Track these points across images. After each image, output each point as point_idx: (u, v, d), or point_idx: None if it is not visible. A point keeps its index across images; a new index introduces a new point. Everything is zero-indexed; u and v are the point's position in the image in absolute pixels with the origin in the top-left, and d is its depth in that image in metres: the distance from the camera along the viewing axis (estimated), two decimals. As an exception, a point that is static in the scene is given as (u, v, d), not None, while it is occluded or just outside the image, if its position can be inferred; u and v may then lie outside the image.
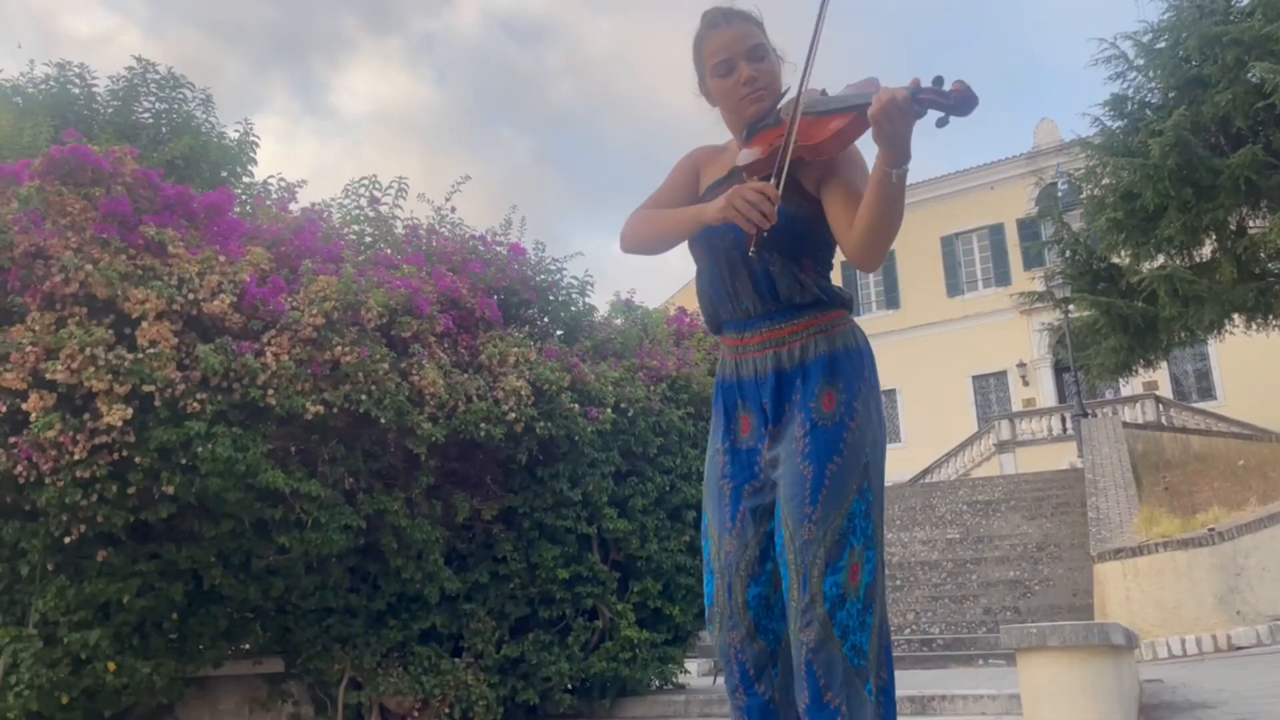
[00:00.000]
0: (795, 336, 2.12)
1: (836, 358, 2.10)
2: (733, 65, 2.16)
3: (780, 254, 2.09)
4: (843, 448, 2.04)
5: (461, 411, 5.41)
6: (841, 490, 2.02)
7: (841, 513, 2.01)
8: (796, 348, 2.12)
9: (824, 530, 1.99)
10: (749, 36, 2.17)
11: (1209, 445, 15.46)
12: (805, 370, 2.10)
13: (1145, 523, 9.40)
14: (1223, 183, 13.42)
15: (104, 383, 4.20)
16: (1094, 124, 16.02)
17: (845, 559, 1.99)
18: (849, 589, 1.98)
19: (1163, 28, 14.91)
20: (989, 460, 23.10)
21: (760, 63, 2.16)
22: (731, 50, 2.16)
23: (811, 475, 2.02)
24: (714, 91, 2.23)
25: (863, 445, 2.07)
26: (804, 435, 2.06)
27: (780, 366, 2.13)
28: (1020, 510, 13.90)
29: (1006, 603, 10.72)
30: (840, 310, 2.17)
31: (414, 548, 5.62)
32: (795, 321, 2.13)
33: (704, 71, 2.23)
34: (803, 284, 2.12)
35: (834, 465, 2.02)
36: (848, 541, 2.00)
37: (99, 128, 6.54)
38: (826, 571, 1.97)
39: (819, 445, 2.04)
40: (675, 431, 6.56)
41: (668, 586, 6.70)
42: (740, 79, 2.15)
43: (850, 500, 2.03)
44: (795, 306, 2.13)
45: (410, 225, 6.46)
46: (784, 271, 2.11)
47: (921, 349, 28.90)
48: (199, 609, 5.47)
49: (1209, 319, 14.73)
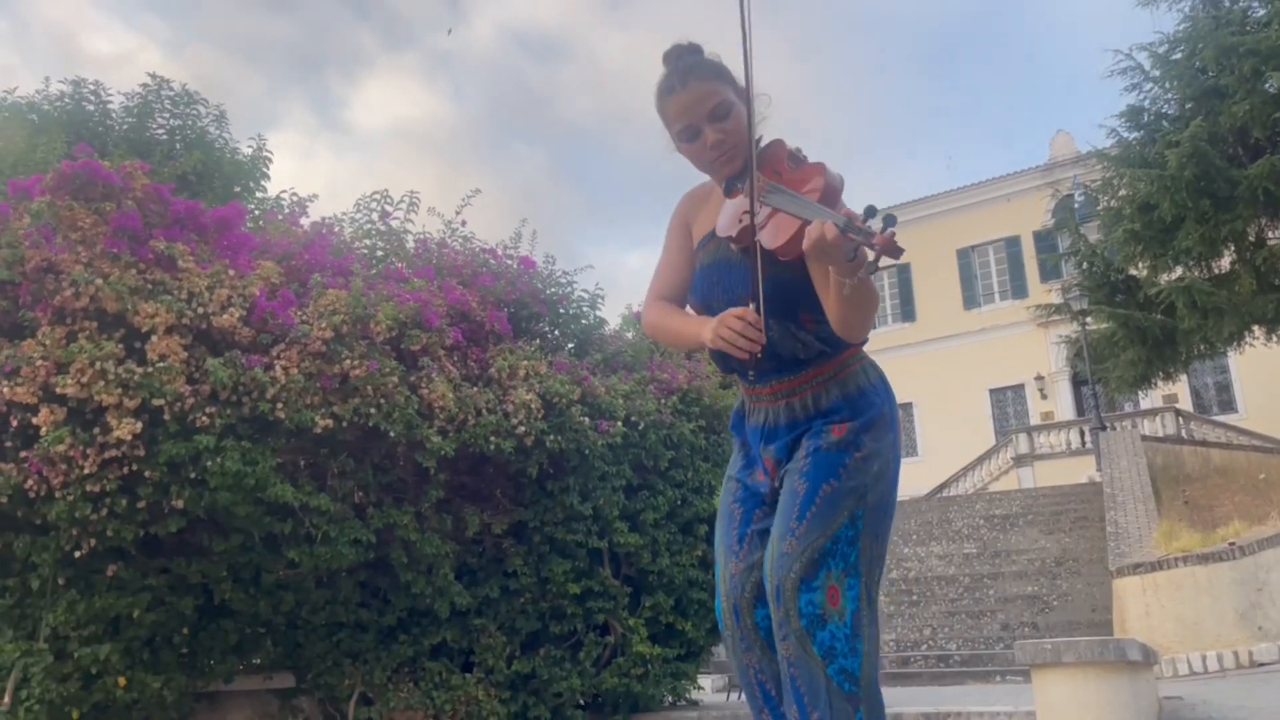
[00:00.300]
0: (806, 386, 2.13)
1: (850, 399, 2.11)
2: (697, 130, 2.12)
3: (776, 318, 2.06)
4: (841, 472, 2.03)
5: (471, 425, 5.40)
6: (831, 511, 2.01)
7: (826, 533, 1.99)
8: (809, 396, 2.12)
9: (804, 546, 1.98)
10: (708, 97, 2.10)
11: (1229, 458, 15.29)
12: (824, 414, 2.11)
13: (1165, 537, 9.29)
14: (1241, 194, 13.31)
15: (114, 397, 4.21)
16: (1110, 135, 15.95)
17: (820, 579, 1.97)
18: (829, 610, 1.96)
19: (1179, 39, 14.84)
20: (1007, 474, 22.92)
21: (724, 122, 2.10)
22: (692, 116, 2.11)
23: (804, 492, 2.02)
24: (684, 154, 2.20)
25: (864, 474, 2.05)
26: (805, 457, 2.07)
27: (794, 416, 2.14)
28: (1038, 525, 13.77)
29: (1024, 618, 10.60)
30: (849, 351, 2.15)
31: (424, 562, 5.60)
32: (804, 373, 2.13)
33: (671, 133, 2.20)
34: (804, 343, 2.10)
35: (828, 487, 2.02)
36: (825, 562, 1.98)
37: (113, 144, 6.59)
38: (801, 588, 1.96)
39: (818, 466, 2.04)
40: (686, 445, 6.53)
41: (680, 601, 6.65)
42: (706, 144, 2.12)
43: (839, 523, 2.01)
44: (800, 362, 2.13)
45: (421, 239, 6.47)
46: (783, 335, 2.09)
47: (938, 362, 28.76)
48: (209, 623, 5.47)
49: (1228, 331, 14.60)
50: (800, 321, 2.09)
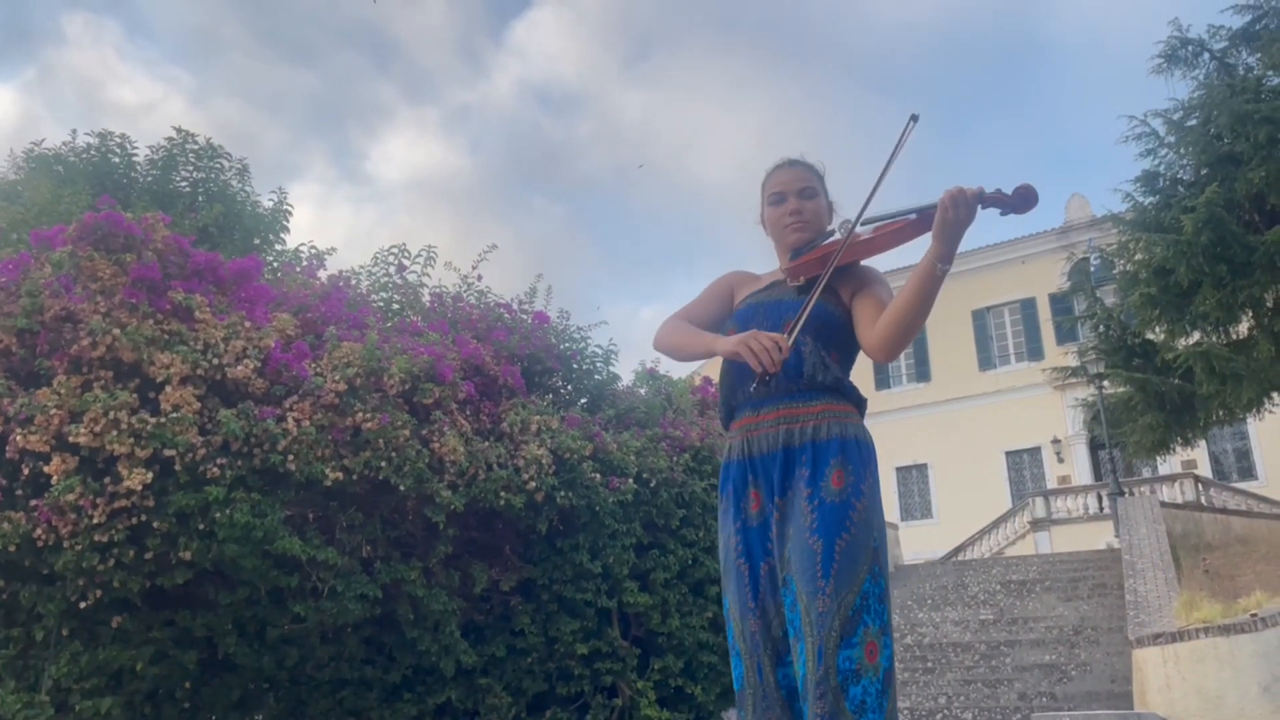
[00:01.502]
0: (810, 417, 2.23)
1: (848, 443, 2.20)
2: (784, 197, 2.47)
3: (814, 338, 2.25)
4: (849, 525, 2.09)
5: (481, 479, 5.37)
6: (853, 566, 2.06)
7: (854, 589, 2.04)
8: (809, 427, 2.21)
9: (837, 603, 2.02)
10: (804, 179, 2.49)
11: (1250, 527, 15.05)
12: (816, 448, 2.18)
13: (1185, 607, 9.10)
14: (1258, 259, 13.26)
15: (126, 446, 4.21)
16: (1125, 200, 15.93)
17: (860, 635, 2.01)
18: (865, 666, 2.00)
19: (1193, 105, 14.91)
20: (1023, 538, 22.60)
21: (808, 200, 2.47)
22: (787, 186, 2.48)
23: (821, 549, 2.06)
24: (766, 218, 2.53)
25: (870, 527, 2.12)
26: (811, 511, 2.11)
27: (790, 443, 2.21)
28: (1056, 591, 13.53)
29: (1042, 688, 10.37)
30: (853, 406, 2.29)
31: (430, 619, 5.53)
32: (812, 404, 2.24)
33: (763, 200, 2.54)
34: (827, 365, 2.25)
35: (842, 541, 2.07)
36: (862, 619, 2.03)
37: (136, 196, 6.69)
38: (841, 645, 2.00)
39: (826, 521, 2.09)
40: (698, 503, 6.47)
41: (689, 664, 6.54)
42: (788, 209, 2.45)
43: (863, 579, 2.06)
44: (816, 387, 2.24)
45: (436, 293, 6.51)
46: (814, 351, 2.25)
47: (953, 423, 28.58)
48: (212, 678, 5.40)
49: (1247, 397, 14.44)
50: (830, 354, 2.28)
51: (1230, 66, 15.40)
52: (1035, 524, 22.69)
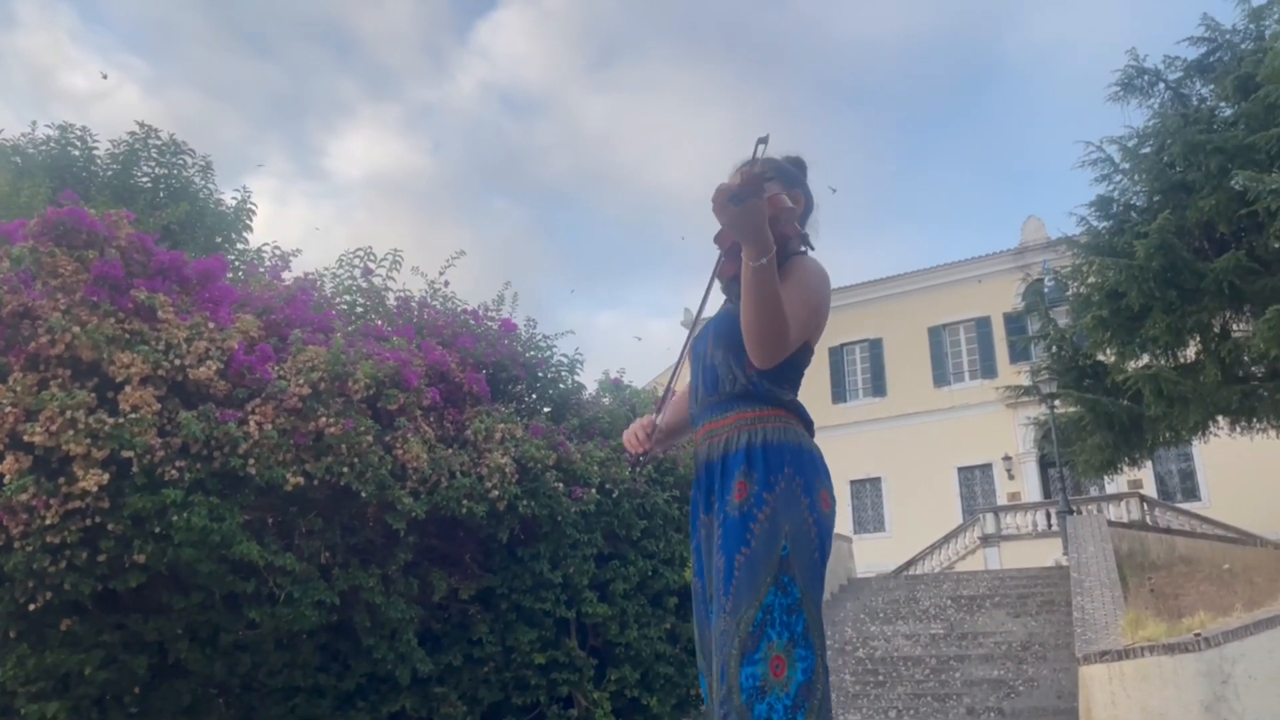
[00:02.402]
0: (725, 429, 2.17)
1: (754, 451, 2.11)
2: None
3: (724, 349, 2.19)
4: (749, 538, 2.03)
5: (444, 487, 5.33)
6: (752, 580, 2.00)
7: (755, 603, 1.98)
8: (723, 440, 2.17)
9: (736, 620, 1.98)
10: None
11: (1194, 547, 15.37)
12: (726, 462, 2.14)
13: (1131, 625, 9.26)
14: (1207, 286, 13.58)
15: (82, 447, 4.12)
16: (1080, 223, 16.24)
17: (763, 650, 1.96)
18: (770, 682, 1.95)
19: (1148, 133, 15.24)
20: (973, 553, 22.88)
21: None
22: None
23: (723, 566, 2.03)
24: None
25: (775, 536, 2.03)
26: (718, 527, 2.09)
27: (711, 458, 2.18)
28: (1005, 607, 13.72)
29: (990, 703, 10.49)
30: (769, 408, 2.17)
31: (388, 626, 5.48)
32: (727, 415, 2.19)
33: None
34: (735, 375, 2.17)
35: (742, 556, 2.02)
36: (765, 634, 1.97)
37: (97, 190, 6.56)
38: (743, 662, 1.96)
39: (727, 536, 2.06)
40: (660, 514, 6.48)
41: (646, 675, 6.54)
42: None
43: (764, 591, 1.99)
44: (730, 398, 2.18)
45: (402, 298, 6.46)
46: (724, 362, 2.20)
47: (907, 438, 28.88)
48: (161, 684, 5.30)
49: (1194, 420, 14.76)
50: (744, 363, 2.16)
51: (1184, 97, 15.77)
52: (985, 539, 22.99)
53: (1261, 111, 13.03)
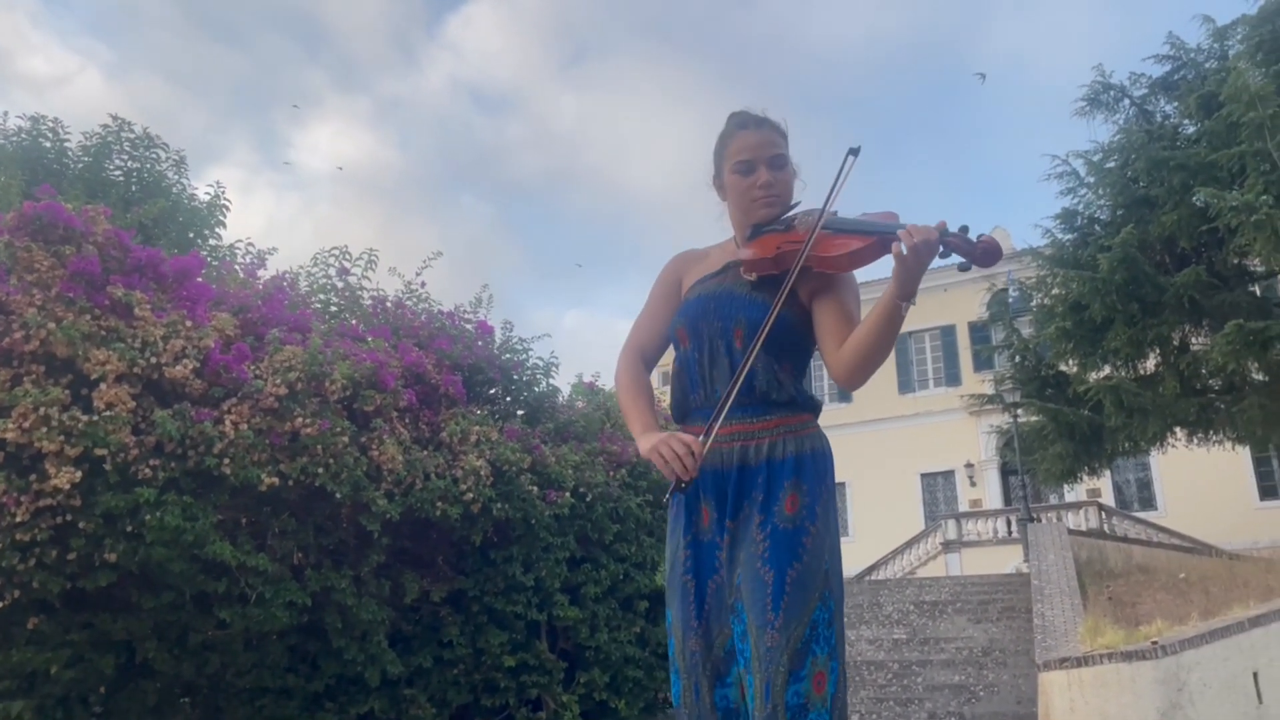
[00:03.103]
0: (765, 433, 2.11)
1: (803, 460, 2.09)
2: (753, 167, 2.21)
3: (765, 351, 2.09)
4: (802, 553, 2.01)
5: (419, 489, 5.33)
6: (803, 597, 1.99)
7: (804, 620, 1.98)
8: (765, 444, 2.10)
9: (786, 638, 1.96)
10: (774, 145, 2.23)
11: (1151, 556, 15.64)
12: (771, 468, 2.08)
13: (1090, 633, 9.41)
14: (1167, 300, 13.84)
15: (55, 444, 4.08)
16: (1045, 235, 16.49)
17: (808, 668, 1.97)
18: (813, 698, 1.96)
19: (1113, 148, 15.50)
20: (935, 559, 23.15)
21: (779, 171, 2.22)
22: (755, 153, 2.21)
23: (773, 581, 1.99)
24: (730, 186, 2.26)
25: (822, 551, 2.04)
26: (764, 538, 2.03)
27: (745, 461, 2.10)
28: (966, 613, 13.89)
29: (952, 708, 10.63)
30: (809, 414, 2.17)
31: (358, 628, 5.46)
32: (766, 419, 2.12)
33: (724, 165, 2.27)
34: (780, 382, 2.13)
35: (794, 571, 2.00)
36: (810, 650, 1.98)
37: (69, 183, 6.46)
38: (789, 680, 1.95)
39: (778, 549, 2.01)
40: (633, 519, 6.51)
41: (615, 678, 6.57)
42: (758, 181, 2.20)
43: (813, 608, 2.00)
44: (769, 403, 2.13)
45: (378, 298, 6.43)
46: (766, 368, 2.11)
47: (872, 444, 29.12)
48: (128, 683, 5.25)
49: (1152, 431, 15.02)
50: (782, 365, 2.13)
51: (1149, 113, 16.07)
52: (947, 545, 23.26)
53: (1223, 130, 13.30)
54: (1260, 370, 14.03)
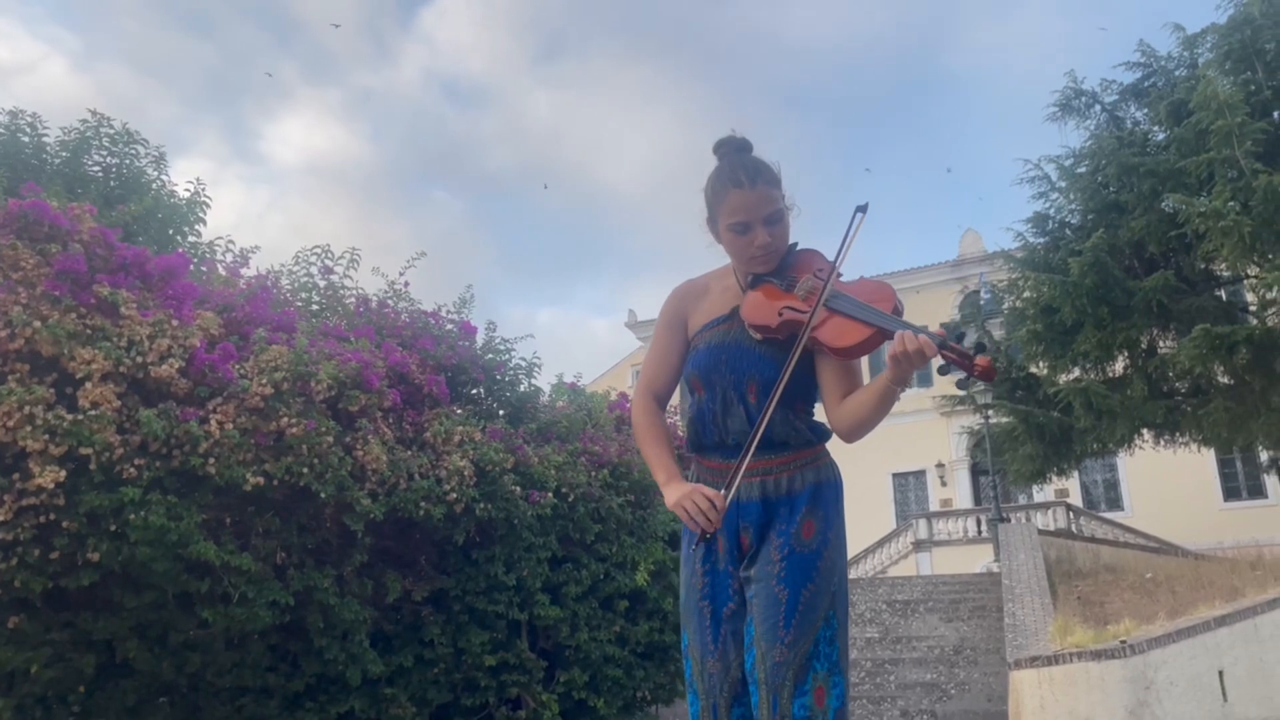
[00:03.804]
0: (784, 468, 2.24)
1: (821, 489, 2.24)
2: (749, 227, 2.22)
3: (779, 405, 2.18)
4: (815, 575, 2.15)
5: (403, 489, 5.34)
6: (812, 615, 2.13)
7: (810, 636, 2.11)
8: (784, 478, 2.23)
9: (794, 654, 2.09)
10: (769, 202, 2.23)
11: (1118, 556, 15.88)
12: (792, 501, 2.21)
13: (1060, 631, 9.57)
14: (1136, 304, 14.05)
15: (39, 443, 4.06)
16: (1017, 239, 16.67)
17: (810, 682, 2.09)
18: (815, 711, 2.08)
19: (1084, 154, 15.71)
20: (906, 558, 23.37)
21: (775, 227, 2.24)
22: (751, 214, 2.22)
23: (786, 599, 2.12)
24: (726, 244, 2.30)
25: (833, 573, 2.19)
26: (781, 560, 2.16)
27: (766, 495, 2.22)
28: (938, 612, 14.05)
29: (923, 706, 10.76)
30: (822, 443, 2.31)
31: (340, 627, 5.46)
32: (783, 455, 2.24)
33: (719, 219, 2.28)
34: (797, 429, 2.24)
35: (808, 591, 2.13)
36: (812, 665, 2.10)
37: (47, 178, 6.39)
38: (795, 693, 2.07)
39: (794, 571, 2.14)
40: (614, 519, 6.54)
41: (594, 677, 6.60)
42: (755, 241, 2.23)
43: (819, 625, 2.13)
44: (787, 446, 2.25)
45: (362, 298, 6.43)
46: (783, 420, 2.22)
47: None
48: (107, 683, 5.22)
49: (1120, 433, 15.24)
50: (796, 410, 2.25)
51: (1120, 119, 16.30)
52: (918, 545, 23.49)
53: (1192, 137, 13.53)
54: (1226, 373, 14.29)
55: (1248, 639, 9.33)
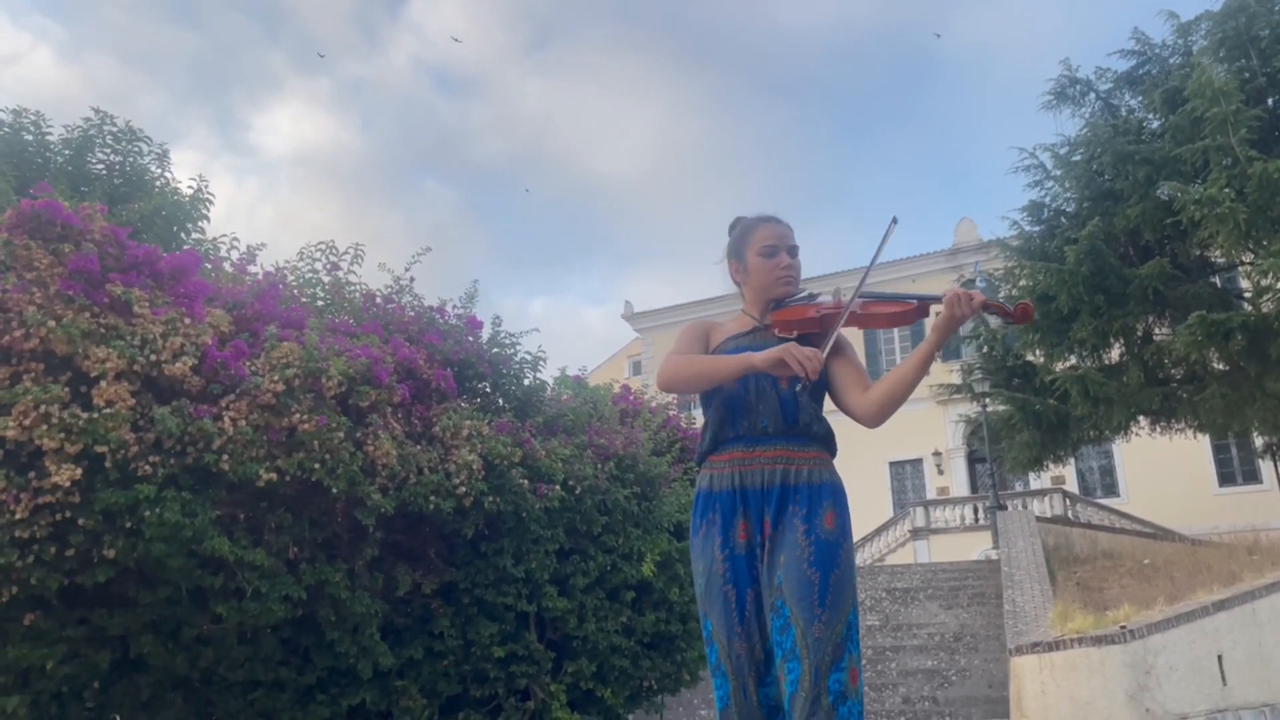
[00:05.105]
0: (805, 461, 2.46)
1: (837, 490, 2.47)
2: (776, 251, 2.63)
3: (809, 392, 2.48)
4: (840, 561, 2.34)
5: (412, 483, 5.38)
6: (841, 598, 2.29)
7: (843, 619, 2.27)
8: (805, 469, 2.45)
9: (830, 631, 2.24)
10: (792, 237, 2.69)
11: (1115, 542, 15.99)
12: (812, 490, 2.41)
13: (1060, 618, 9.65)
14: (1132, 291, 14.11)
15: (55, 441, 4.09)
16: (1012, 227, 16.71)
17: (846, 662, 2.25)
18: (849, 689, 2.23)
19: (1079, 142, 15.75)
20: (904, 546, 23.48)
21: (795, 258, 2.66)
22: (780, 241, 2.64)
23: (818, 581, 2.28)
24: (754, 268, 2.65)
25: (852, 566, 2.39)
26: (809, 544, 2.32)
27: (787, 481, 2.42)
28: (938, 599, 14.14)
29: (924, 693, 10.85)
30: (831, 456, 2.56)
31: (351, 620, 5.51)
32: (806, 449, 2.48)
33: (748, 250, 2.66)
34: (819, 419, 2.52)
35: (835, 575, 2.30)
36: (847, 648, 2.26)
37: (52, 177, 6.41)
38: (832, 669, 2.22)
39: (822, 554, 2.31)
40: (620, 510, 6.59)
41: (601, 668, 6.66)
42: (781, 263, 2.62)
43: (848, 611, 2.30)
44: (810, 436, 2.49)
45: (368, 293, 6.46)
46: (809, 404, 2.50)
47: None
48: (121, 678, 5.26)
49: (1117, 420, 15.32)
50: (821, 407, 2.56)
51: (1114, 107, 16.35)
52: (915, 533, 23.59)
53: (1187, 125, 13.58)
54: (1221, 360, 14.38)
55: (1246, 623, 9.43)
